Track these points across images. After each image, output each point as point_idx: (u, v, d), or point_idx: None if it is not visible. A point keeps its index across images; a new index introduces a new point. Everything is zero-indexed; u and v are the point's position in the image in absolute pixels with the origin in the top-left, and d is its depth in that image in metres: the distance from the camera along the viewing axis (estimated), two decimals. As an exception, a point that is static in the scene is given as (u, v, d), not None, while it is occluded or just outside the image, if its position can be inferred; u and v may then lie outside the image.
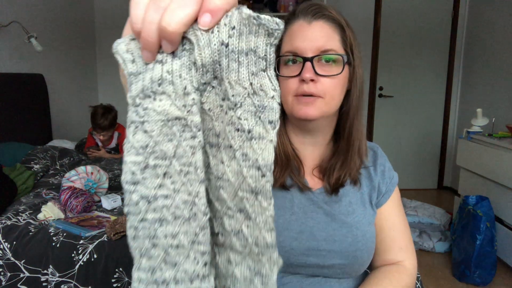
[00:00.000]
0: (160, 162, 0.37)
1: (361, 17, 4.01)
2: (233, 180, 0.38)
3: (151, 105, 0.36)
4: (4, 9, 2.68)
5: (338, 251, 0.72)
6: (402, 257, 0.79)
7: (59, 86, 3.38)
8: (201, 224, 0.38)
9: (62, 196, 1.70)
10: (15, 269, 1.46)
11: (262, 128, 0.36)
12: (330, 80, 0.70)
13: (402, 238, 0.80)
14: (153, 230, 0.37)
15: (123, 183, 0.37)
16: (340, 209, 0.76)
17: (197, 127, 0.36)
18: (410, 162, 4.19)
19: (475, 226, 2.26)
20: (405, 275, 0.77)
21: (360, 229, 0.75)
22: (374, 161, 0.83)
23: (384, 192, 0.80)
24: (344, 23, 0.72)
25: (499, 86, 3.36)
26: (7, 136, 2.58)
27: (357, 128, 0.76)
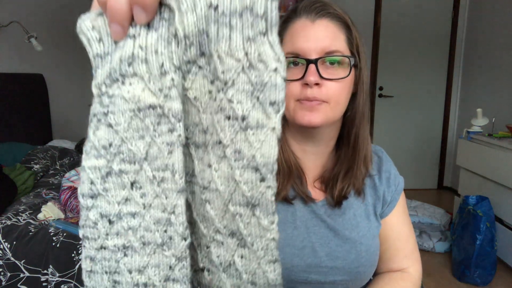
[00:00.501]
0: (127, 167, 0.28)
1: (361, 17, 4.00)
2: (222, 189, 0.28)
3: (118, 91, 0.28)
4: (4, 9, 2.68)
5: (340, 267, 0.69)
6: (407, 264, 0.77)
7: (59, 86, 3.38)
8: (178, 253, 0.28)
9: (62, 196, 1.70)
10: (15, 269, 1.46)
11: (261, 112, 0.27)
12: (335, 84, 0.63)
13: (407, 246, 0.78)
14: (114, 262, 0.28)
15: (79, 197, 0.28)
16: (344, 223, 0.71)
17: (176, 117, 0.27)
18: (410, 162, 4.19)
19: (475, 226, 2.26)
20: (409, 283, 0.75)
21: (364, 243, 0.71)
22: (379, 168, 0.77)
23: (389, 201, 0.75)
24: (350, 21, 0.66)
25: (499, 86, 3.36)
26: (7, 136, 2.58)
27: (363, 135, 0.70)
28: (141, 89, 0.27)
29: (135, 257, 0.28)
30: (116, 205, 0.28)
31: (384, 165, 0.77)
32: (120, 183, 0.28)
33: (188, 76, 0.29)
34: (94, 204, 0.28)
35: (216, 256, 0.30)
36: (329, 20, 0.64)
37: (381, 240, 0.76)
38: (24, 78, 2.81)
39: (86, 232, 0.28)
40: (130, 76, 0.28)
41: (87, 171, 0.28)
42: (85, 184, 0.28)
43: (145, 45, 0.27)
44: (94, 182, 0.28)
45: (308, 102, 0.63)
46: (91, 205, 0.28)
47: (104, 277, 0.29)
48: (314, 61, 0.63)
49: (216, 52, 0.27)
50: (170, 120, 0.27)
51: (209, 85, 0.28)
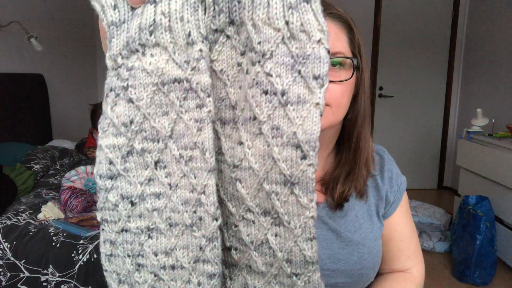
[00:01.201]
0: (150, 145, 0.26)
1: (361, 17, 4.00)
2: (257, 167, 0.27)
3: (138, 63, 0.25)
4: (4, 9, 2.68)
5: (342, 270, 0.68)
6: (409, 265, 0.77)
7: (59, 86, 3.38)
8: (208, 234, 0.27)
9: (62, 196, 1.70)
10: (15, 269, 1.46)
11: (304, 86, 0.25)
12: (337, 87, 0.61)
13: (410, 247, 0.77)
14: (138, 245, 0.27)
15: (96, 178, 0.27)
16: (346, 225, 0.70)
17: (205, 92, 0.25)
18: (410, 162, 4.19)
19: (475, 226, 2.26)
20: (412, 284, 0.75)
21: (367, 245, 0.70)
22: (381, 168, 0.76)
23: (392, 201, 0.75)
24: (352, 23, 0.65)
25: (499, 86, 3.36)
26: (7, 136, 2.58)
27: (365, 137, 0.69)
28: (165, 61, 0.25)
29: (161, 239, 0.27)
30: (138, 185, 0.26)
31: (386, 165, 0.76)
32: (142, 163, 0.26)
33: (215, 47, 0.26)
34: (114, 185, 0.26)
35: (246, 235, 0.29)
36: (331, 21, 0.62)
37: (384, 241, 0.75)
38: (24, 78, 2.81)
39: (105, 215, 0.27)
40: (152, 47, 0.25)
41: (104, 150, 0.26)
42: (103, 164, 0.26)
43: (169, 12, 0.24)
44: (114, 162, 0.26)
45: None
46: (110, 186, 0.26)
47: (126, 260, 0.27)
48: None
49: (251, 20, 0.24)
50: (199, 95, 0.25)
51: (238, 56, 0.26)
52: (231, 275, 0.31)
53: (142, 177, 0.26)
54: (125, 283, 0.27)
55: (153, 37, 0.24)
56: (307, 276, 0.28)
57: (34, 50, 2.75)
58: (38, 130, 2.95)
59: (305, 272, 0.28)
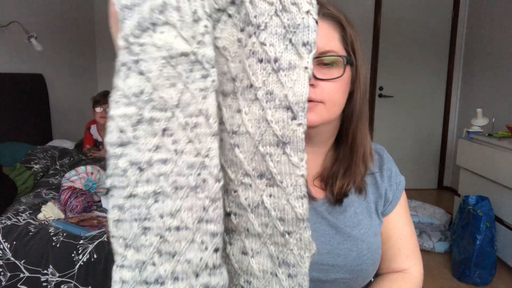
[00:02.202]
0: (158, 114, 0.28)
1: (361, 17, 4.00)
2: (253, 131, 0.29)
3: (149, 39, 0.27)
4: (4, 9, 2.68)
5: (342, 265, 0.69)
6: (408, 264, 0.77)
7: (59, 86, 3.38)
8: (211, 195, 0.29)
9: (62, 196, 1.70)
10: (15, 269, 1.46)
11: (294, 53, 0.28)
12: (330, 84, 0.63)
13: (409, 246, 0.78)
14: (145, 208, 0.28)
15: (107, 146, 0.28)
16: (345, 221, 0.71)
17: (210, 63, 0.28)
18: (410, 162, 4.19)
19: (475, 226, 2.26)
20: (411, 284, 0.75)
21: (366, 241, 0.71)
22: (381, 166, 0.77)
23: (391, 199, 0.76)
24: (345, 20, 0.66)
25: (499, 86, 3.36)
26: (7, 136, 2.58)
27: (362, 133, 0.70)
28: (173, 37, 0.27)
29: (167, 202, 0.28)
30: (146, 152, 0.28)
31: (386, 164, 0.77)
32: (151, 131, 0.28)
33: (218, 25, 0.29)
34: (124, 152, 0.28)
35: (244, 199, 0.31)
36: (323, 20, 0.63)
37: (383, 239, 0.76)
38: (24, 78, 2.81)
39: (114, 181, 0.28)
40: (162, 25, 0.27)
41: (115, 120, 0.28)
42: (114, 133, 0.28)
43: None
44: (124, 130, 0.28)
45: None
46: (120, 153, 0.28)
47: (133, 225, 0.29)
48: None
49: None
50: (204, 66, 0.28)
51: (238, 33, 0.29)
52: (230, 240, 0.33)
53: (151, 144, 0.28)
54: (131, 247, 0.29)
55: (162, 16, 0.27)
56: (298, 233, 0.30)
57: (34, 50, 2.75)
58: (38, 130, 2.95)
59: (297, 229, 0.30)
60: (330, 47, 0.63)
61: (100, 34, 4.04)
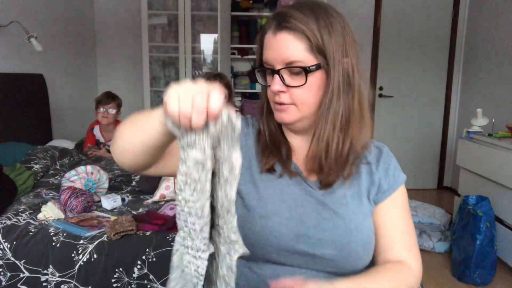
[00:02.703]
0: (191, 183, 0.55)
1: (361, 17, 4.01)
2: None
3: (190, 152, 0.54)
4: (4, 9, 2.68)
5: (328, 240, 0.72)
6: (405, 257, 0.76)
7: (59, 86, 3.38)
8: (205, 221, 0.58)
9: (62, 196, 1.70)
10: (15, 269, 1.46)
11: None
12: (299, 89, 0.72)
13: (405, 239, 0.78)
14: (184, 219, 0.58)
15: (176, 190, 0.57)
16: (334, 200, 0.76)
17: (209, 168, 0.55)
18: (410, 162, 4.19)
19: (475, 226, 2.26)
20: (408, 273, 0.74)
21: (354, 221, 0.74)
22: (378, 158, 0.81)
23: (385, 189, 0.78)
24: (313, 28, 0.69)
25: (499, 86, 3.36)
26: (7, 136, 2.58)
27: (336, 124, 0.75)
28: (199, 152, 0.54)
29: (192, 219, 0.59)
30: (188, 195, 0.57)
31: (384, 157, 0.82)
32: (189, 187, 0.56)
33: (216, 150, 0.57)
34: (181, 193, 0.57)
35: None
36: (288, 33, 0.70)
37: (377, 228, 0.78)
38: (24, 78, 2.81)
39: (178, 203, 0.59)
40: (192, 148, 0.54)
41: (178, 180, 0.56)
42: (178, 184, 0.56)
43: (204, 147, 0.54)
44: (181, 185, 0.56)
45: (278, 106, 0.74)
46: (179, 193, 0.57)
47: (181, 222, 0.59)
48: (277, 72, 0.72)
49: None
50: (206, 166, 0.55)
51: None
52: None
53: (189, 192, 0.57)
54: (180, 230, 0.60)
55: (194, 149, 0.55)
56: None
57: (34, 50, 2.75)
58: (38, 130, 2.95)
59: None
60: (295, 58, 0.70)
61: (100, 34, 4.04)
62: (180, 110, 0.49)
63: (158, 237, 1.47)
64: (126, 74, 4.10)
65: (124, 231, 1.46)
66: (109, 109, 2.81)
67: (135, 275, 1.40)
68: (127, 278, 1.41)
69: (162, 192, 1.95)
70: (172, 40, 3.74)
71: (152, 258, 1.41)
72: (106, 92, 2.89)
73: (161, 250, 1.42)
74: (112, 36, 4.03)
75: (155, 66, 3.84)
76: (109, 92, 2.88)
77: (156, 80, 3.87)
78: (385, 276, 0.72)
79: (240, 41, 3.87)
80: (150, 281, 1.39)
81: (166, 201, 1.93)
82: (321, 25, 0.70)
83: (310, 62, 0.71)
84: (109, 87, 4.09)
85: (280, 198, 0.75)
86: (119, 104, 2.89)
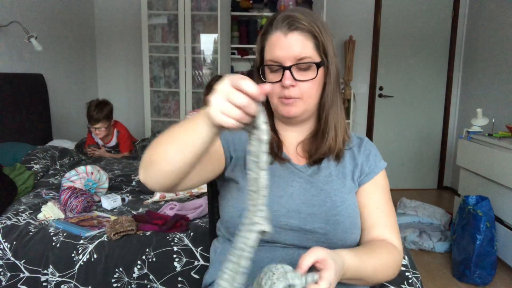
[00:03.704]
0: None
1: (361, 17, 4.01)
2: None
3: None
4: (4, 9, 2.68)
5: (317, 214, 0.80)
6: (388, 236, 0.84)
7: (59, 86, 3.38)
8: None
9: (62, 196, 1.70)
10: (15, 269, 1.46)
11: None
12: (307, 83, 0.81)
13: (388, 220, 0.86)
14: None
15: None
16: (320, 179, 0.85)
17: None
18: (410, 162, 4.19)
19: (475, 226, 2.26)
20: (397, 252, 0.82)
21: (339, 196, 0.83)
22: (359, 145, 0.92)
23: (367, 172, 0.88)
24: (318, 30, 0.81)
25: (499, 86, 3.36)
26: (7, 136, 2.58)
27: (335, 111, 0.87)
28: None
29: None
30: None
31: (365, 145, 0.92)
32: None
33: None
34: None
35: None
36: (299, 33, 0.80)
37: (362, 208, 0.86)
38: (24, 78, 2.81)
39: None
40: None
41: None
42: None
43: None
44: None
45: (286, 100, 0.82)
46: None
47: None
48: (288, 68, 0.80)
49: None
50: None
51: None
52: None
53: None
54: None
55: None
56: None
57: (34, 50, 2.75)
58: (38, 130, 2.95)
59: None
60: (305, 54, 0.80)
61: (100, 34, 4.04)
62: (234, 117, 0.51)
63: (158, 237, 1.47)
64: (126, 74, 4.10)
65: (124, 231, 1.46)
66: (98, 128, 2.80)
67: (135, 275, 1.40)
68: (127, 278, 1.41)
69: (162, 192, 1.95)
70: (172, 40, 3.74)
71: (152, 258, 1.41)
72: (89, 111, 2.74)
73: (161, 250, 1.42)
74: (112, 36, 4.02)
75: (155, 66, 3.84)
76: (92, 112, 2.73)
77: (156, 80, 3.87)
78: (381, 252, 0.79)
79: (240, 41, 3.87)
80: (150, 281, 1.39)
81: (166, 201, 1.93)
82: (320, 27, 0.81)
83: (317, 58, 0.82)
84: (109, 87, 4.10)
85: (271, 180, 0.80)
86: (107, 116, 2.79)
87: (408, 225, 2.90)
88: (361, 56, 4.03)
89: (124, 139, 3.01)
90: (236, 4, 3.77)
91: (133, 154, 3.02)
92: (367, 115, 4.15)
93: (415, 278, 1.28)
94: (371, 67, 4.08)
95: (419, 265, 2.49)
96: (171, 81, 3.86)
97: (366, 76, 4.11)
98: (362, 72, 4.08)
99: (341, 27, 3.98)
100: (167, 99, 3.93)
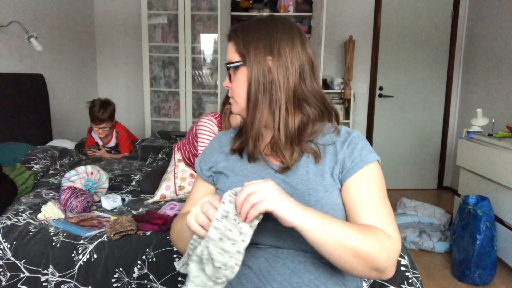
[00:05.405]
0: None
1: (361, 17, 4.01)
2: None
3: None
4: (4, 9, 2.68)
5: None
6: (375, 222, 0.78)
7: (59, 86, 3.38)
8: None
9: (62, 196, 1.70)
10: (15, 269, 1.46)
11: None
12: (234, 84, 0.88)
13: (376, 212, 0.80)
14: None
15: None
16: (295, 178, 0.85)
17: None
18: (410, 162, 4.19)
19: (475, 226, 2.26)
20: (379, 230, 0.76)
21: (313, 195, 0.82)
22: (344, 140, 0.88)
23: (349, 167, 0.84)
24: (238, 38, 0.87)
25: (499, 86, 3.36)
26: (7, 136, 2.58)
27: (260, 114, 0.85)
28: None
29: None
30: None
31: (351, 139, 0.88)
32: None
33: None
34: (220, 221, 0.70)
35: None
36: (230, 42, 0.90)
37: (345, 203, 0.84)
38: (24, 78, 2.81)
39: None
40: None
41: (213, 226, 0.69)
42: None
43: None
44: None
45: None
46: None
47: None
48: (227, 70, 0.90)
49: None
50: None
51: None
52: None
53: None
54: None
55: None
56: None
57: (34, 50, 2.75)
58: (38, 130, 2.95)
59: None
60: (229, 59, 0.88)
61: (100, 34, 4.04)
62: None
63: (158, 237, 1.47)
64: (126, 74, 4.10)
65: (124, 231, 1.46)
66: (102, 128, 2.81)
67: (135, 275, 1.40)
68: (127, 278, 1.41)
69: (163, 192, 1.95)
70: (172, 40, 3.74)
71: (152, 258, 1.41)
72: (93, 111, 2.75)
73: (161, 250, 1.42)
74: (112, 36, 4.03)
75: (155, 66, 3.84)
76: (96, 113, 2.74)
77: (156, 80, 3.87)
78: (356, 224, 0.76)
79: (240, 41, 3.87)
80: (150, 281, 1.39)
81: (166, 201, 1.93)
82: (244, 34, 0.87)
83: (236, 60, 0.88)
84: (109, 87, 4.10)
85: (248, 178, 0.88)
86: (111, 115, 2.81)
87: (408, 225, 2.90)
88: (361, 56, 4.03)
89: (123, 139, 3.02)
90: (236, 4, 3.77)
91: (133, 154, 3.02)
92: (367, 115, 4.15)
93: (415, 278, 1.28)
94: (371, 67, 4.08)
95: (419, 265, 2.49)
96: (171, 81, 3.86)
97: (366, 76, 4.11)
98: (362, 72, 4.08)
99: (341, 27, 3.98)
100: (167, 99, 3.93)
